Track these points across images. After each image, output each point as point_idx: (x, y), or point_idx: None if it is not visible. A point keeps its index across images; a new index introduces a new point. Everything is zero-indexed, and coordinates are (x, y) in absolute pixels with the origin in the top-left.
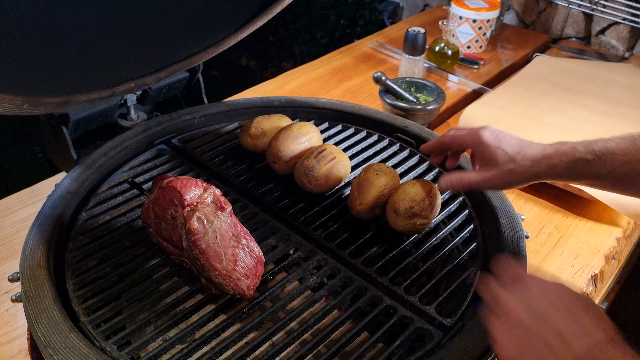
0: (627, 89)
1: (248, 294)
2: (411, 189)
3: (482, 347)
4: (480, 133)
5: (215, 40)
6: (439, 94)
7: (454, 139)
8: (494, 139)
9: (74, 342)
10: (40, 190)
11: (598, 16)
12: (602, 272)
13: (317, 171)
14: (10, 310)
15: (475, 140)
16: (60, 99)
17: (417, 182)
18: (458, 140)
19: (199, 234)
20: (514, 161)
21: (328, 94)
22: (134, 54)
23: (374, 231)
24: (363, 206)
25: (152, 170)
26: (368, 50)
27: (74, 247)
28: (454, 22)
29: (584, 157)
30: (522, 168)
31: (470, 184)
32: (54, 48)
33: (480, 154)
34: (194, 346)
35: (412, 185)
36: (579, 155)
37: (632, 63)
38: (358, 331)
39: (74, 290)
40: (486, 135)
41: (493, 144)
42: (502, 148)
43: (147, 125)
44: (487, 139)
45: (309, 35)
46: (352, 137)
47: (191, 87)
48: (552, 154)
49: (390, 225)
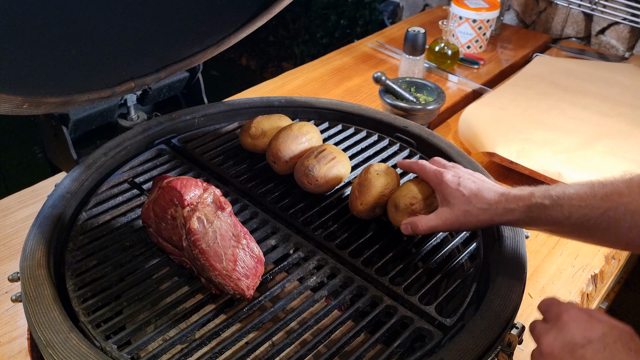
0: (627, 89)
1: (248, 294)
2: (415, 187)
3: (482, 347)
4: (443, 173)
5: (215, 40)
6: (439, 94)
7: (421, 172)
8: (454, 180)
9: (74, 342)
10: (41, 190)
11: (598, 16)
12: (602, 272)
13: (317, 171)
14: (10, 310)
15: (437, 179)
16: (61, 99)
17: (422, 181)
18: (424, 174)
19: (199, 234)
20: (469, 203)
21: (328, 94)
22: (134, 54)
23: (374, 231)
24: (364, 206)
25: (152, 170)
26: (368, 50)
27: (74, 247)
28: (454, 22)
29: (540, 202)
30: (477, 211)
31: (426, 228)
32: (54, 48)
33: (440, 193)
34: (194, 346)
35: (417, 183)
36: (535, 200)
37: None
38: (358, 331)
39: (74, 290)
40: (448, 176)
41: (452, 185)
42: (459, 189)
43: (147, 125)
44: (447, 179)
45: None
46: (352, 137)
47: (191, 87)
48: (509, 197)
49: (390, 219)
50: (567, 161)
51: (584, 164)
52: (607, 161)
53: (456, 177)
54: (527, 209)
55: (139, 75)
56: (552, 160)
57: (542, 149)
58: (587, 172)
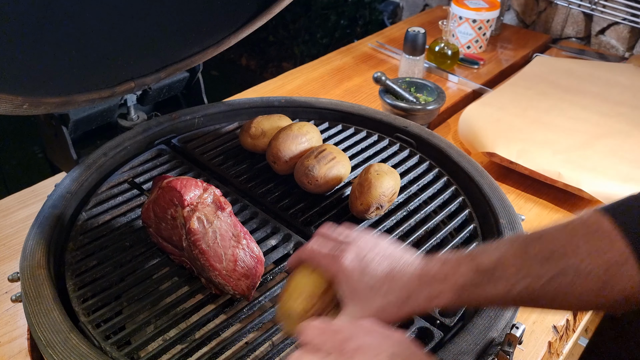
0: (627, 89)
1: (248, 294)
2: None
3: (482, 347)
4: (342, 259)
5: (215, 40)
6: (439, 94)
7: (312, 257)
8: (357, 265)
9: (74, 342)
10: (41, 190)
11: (598, 16)
12: None
13: (317, 171)
14: (10, 310)
15: (336, 267)
16: (60, 99)
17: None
18: (316, 260)
19: (199, 234)
20: (382, 296)
21: (328, 94)
22: (134, 54)
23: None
24: (364, 206)
25: (152, 170)
26: (368, 50)
27: (74, 247)
28: (454, 22)
29: (470, 280)
30: (392, 307)
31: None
32: (54, 48)
33: (342, 287)
34: (194, 346)
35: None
36: (462, 279)
37: (632, 63)
38: None
39: (74, 290)
40: (348, 260)
41: (355, 274)
42: (365, 281)
43: (147, 125)
44: (348, 266)
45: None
46: (352, 137)
47: (191, 87)
48: (429, 280)
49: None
50: (567, 161)
51: (584, 164)
52: (607, 161)
53: (358, 260)
54: (456, 292)
55: (139, 75)
56: (552, 160)
57: (542, 149)
58: (587, 172)
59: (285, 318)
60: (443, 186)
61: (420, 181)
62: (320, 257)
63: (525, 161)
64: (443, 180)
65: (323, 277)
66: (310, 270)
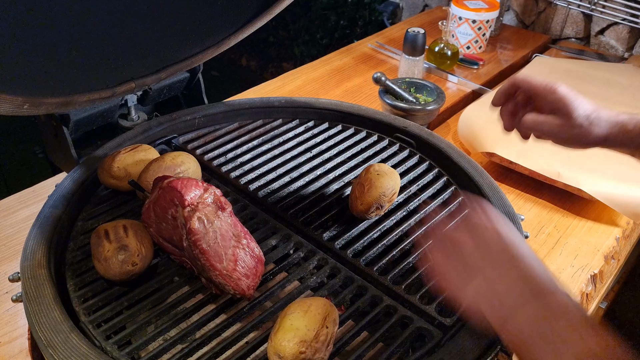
0: (626, 89)
1: (248, 293)
2: (299, 321)
3: (482, 347)
4: (555, 83)
5: (215, 40)
6: (439, 95)
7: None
8: (569, 91)
9: (75, 342)
10: (41, 190)
11: (597, 16)
12: (601, 272)
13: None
14: (10, 310)
15: (549, 88)
16: (61, 99)
17: (309, 309)
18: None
19: (200, 234)
20: (588, 118)
21: (328, 94)
22: (135, 54)
23: (374, 231)
24: (364, 206)
25: None
26: (368, 50)
27: (74, 247)
28: (454, 23)
29: None
30: (596, 128)
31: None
32: (54, 48)
33: (550, 104)
34: (195, 346)
35: (302, 315)
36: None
37: (631, 63)
38: (358, 331)
39: (75, 290)
40: (562, 87)
41: (569, 95)
42: (579, 102)
43: (147, 125)
44: (562, 90)
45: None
46: (352, 137)
47: (191, 88)
48: (626, 120)
49: None
50: (567, 161)
51: (583, 164)
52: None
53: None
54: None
55: (140, 75)
56: (551, 160)
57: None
58: (587, 172)
59: (277, 357)
60: (443, 186)
61: (420, 181)
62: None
63: (524, 161)
64: (443, 180)
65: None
66: (305, 309)
